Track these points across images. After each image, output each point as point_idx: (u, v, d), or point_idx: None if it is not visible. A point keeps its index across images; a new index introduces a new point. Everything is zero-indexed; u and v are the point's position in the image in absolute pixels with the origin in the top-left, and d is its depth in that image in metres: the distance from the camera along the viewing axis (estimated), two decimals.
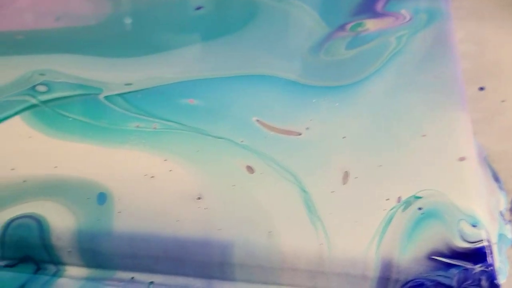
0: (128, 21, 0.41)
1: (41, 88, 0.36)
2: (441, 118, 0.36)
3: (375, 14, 0.42)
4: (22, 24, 0.41)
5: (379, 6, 0.43)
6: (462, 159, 0.33)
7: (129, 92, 0.36)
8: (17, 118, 0.35)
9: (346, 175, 0.33)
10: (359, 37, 0.40)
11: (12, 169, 0.32)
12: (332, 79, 0.38)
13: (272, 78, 0.38)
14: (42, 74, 0.37)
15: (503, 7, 0.49)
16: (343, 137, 0.34)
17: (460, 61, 0.39)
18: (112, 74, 0.37)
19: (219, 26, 0.41)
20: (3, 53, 0.39)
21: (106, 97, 0.36)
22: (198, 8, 0.42)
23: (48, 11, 0.41)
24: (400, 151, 0.34)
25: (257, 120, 0.35)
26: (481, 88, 0.42)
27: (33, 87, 0.36)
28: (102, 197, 0.31)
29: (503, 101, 0.42)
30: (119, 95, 0.36)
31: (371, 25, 0.41)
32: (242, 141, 0.34)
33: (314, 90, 0.37)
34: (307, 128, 0.35)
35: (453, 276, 0.30)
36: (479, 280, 0.30)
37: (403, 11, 0.42)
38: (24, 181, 0.32)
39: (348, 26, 0.41)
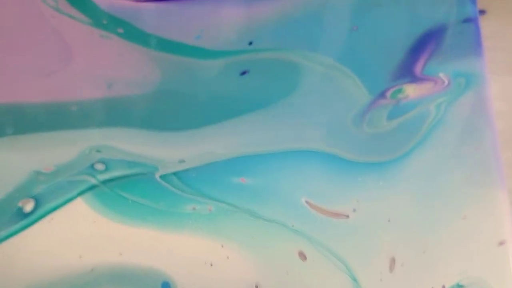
0: (177, 89, 0.42)
1: (99, 167, 0.38)
2: (480, 197, 0.38)
3: (414, 79, 0.44)
4: (75, 93, 0.42)
5: (418, 69, 0.44)
6: (502, 243, 0.36)
7: (183, 171, 0.38)
8: (79, 200, 0.37)
9: (392, 262, 0.35)
10: (400, 105, 0.42)
11: (80, 257, 0.35)
12: (375, 154, 0.40)
13: (318, 153, 0.40)
14: (99, 151, 0.39)
15: None
16: (388, 220, 0.36)
17: (496, 130, 0.41)
18: (166, 149, 0.39)
19: (264, 94, 0.42)
20: (60, 127, 0.40)
21: (162, 177, 0.38)
22: (243, 73, 0.43)
23: (99, 77, 0.42)
24: (442, 235, 0.36)
25: (306, 201, 0.37)
26: None
27: (92, 166, 0.38)
28: (166, 287, 0.34)
29: None
30: (174, 173, 0.38)
31: (410, 91, 0.43)
32: (293, 225, 0.36)
33: (359, 167, 0.39)
34: (354, 210, 0.37)
35: None
36: None
37: (441, 75, 0.44)
38: (92, 269, 0.34)
39: (389, 93, 0.43)
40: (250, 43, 0.45)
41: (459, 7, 0.47)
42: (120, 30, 0.45)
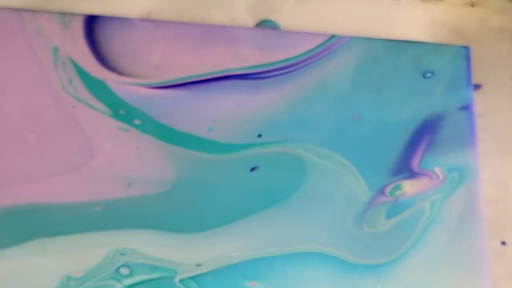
0: (192, 188, 0.46)
1: (124, 271, 0.43)
2: None
3: (411, 174, 0.48)
4: (98, 192, 0.46)
5: (415, 164, 0.48)
6: None
7: (200, 275, 0.43)
8: None
9: None
10: (398, 203, 0.47)
11: None
12: (373, 256, 0.44)
13: (322, 255, 0.44)
14: (123, 254, 0.44)
15: None
16: None
17: (485, 228, 0.46)
18: (184, 252, 0.44)
19: (273, 191, 0.47)
20: (87, 228, 0.45)
21: (181, 281, 0.43)
22: (253, 169, 0.48)
23: (119, 175, 0.47)
24: None
25: None
26: (503, 243, 0.49)
27: (117, 270, 0.43)
28: None
29: None
30: (191, 278, 0.43)
31: (408, 187, 0.47)
32: None
33: (358, 269, 0.44)
34: None
35: None
36: None
37: (436, 169, 0.48)
38: None
39: (387, 190, 0.47)
40: (259, 136, 0.49)
41: (455, 92, 0.50)
42: (137, 122, 0.48)
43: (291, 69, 0.52)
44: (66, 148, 0.47)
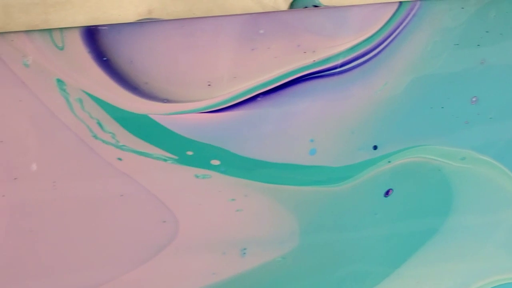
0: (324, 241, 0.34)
1: None
2: None
3: None
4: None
5: None
6: None
7: None
8: None
9: None
10: None
11: None
12: None
13: None
14: None
15: None
16: None
17: None
18: None
19: (423, 221, 0.35)
20: None
21: None
22: (387, 194, 0.35)
23: (225, 243, 0.33)
24: None
25: None
26: None
27: None
28: None
29: None
30: None
31: None
32: None
33: None
34: None
35: None
36: None
37: None
38: None
39: None
40: (375, 148, 0.36)
41: None
42: (215, 162, 0.35)
43: (373, 52, 0.39)
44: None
